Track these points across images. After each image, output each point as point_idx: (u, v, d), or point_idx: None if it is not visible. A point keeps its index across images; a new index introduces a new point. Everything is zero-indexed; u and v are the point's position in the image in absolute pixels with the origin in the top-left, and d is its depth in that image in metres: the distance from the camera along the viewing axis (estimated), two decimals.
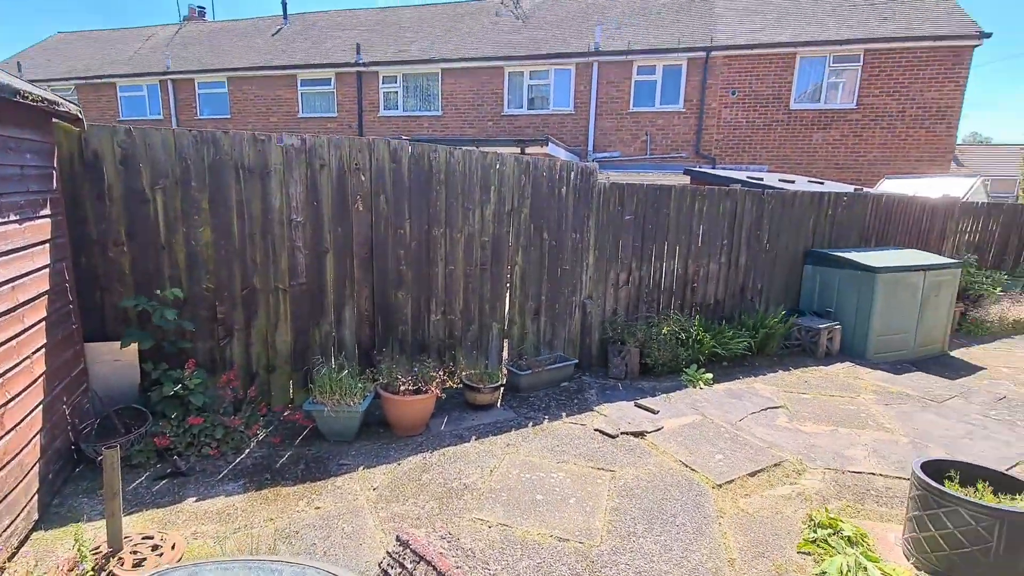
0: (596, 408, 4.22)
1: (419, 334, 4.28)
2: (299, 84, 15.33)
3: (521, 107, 13.92)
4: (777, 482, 3.24)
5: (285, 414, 3.69)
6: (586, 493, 3.02)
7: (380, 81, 14.75)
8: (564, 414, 4.10)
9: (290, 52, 16.01)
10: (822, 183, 8.46)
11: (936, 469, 2.56)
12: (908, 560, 2.50)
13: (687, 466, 3.37)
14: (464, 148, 4.26)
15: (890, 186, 9.67)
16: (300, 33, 17.09)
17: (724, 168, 12.32)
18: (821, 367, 5.50)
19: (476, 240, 4.39)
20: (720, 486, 3.15)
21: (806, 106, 12.14)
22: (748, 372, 5.25)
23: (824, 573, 2.38)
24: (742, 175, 7.71)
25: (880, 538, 2.67)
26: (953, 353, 6.40)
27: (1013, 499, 2.38)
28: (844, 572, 2.33)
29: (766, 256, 6.15)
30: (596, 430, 3.82)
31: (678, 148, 12.94)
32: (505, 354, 4.80)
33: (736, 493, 3.10)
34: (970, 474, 2.53)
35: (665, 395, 4.55)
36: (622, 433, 3.79)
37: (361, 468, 3.21)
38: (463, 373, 4.27)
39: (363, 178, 3.84)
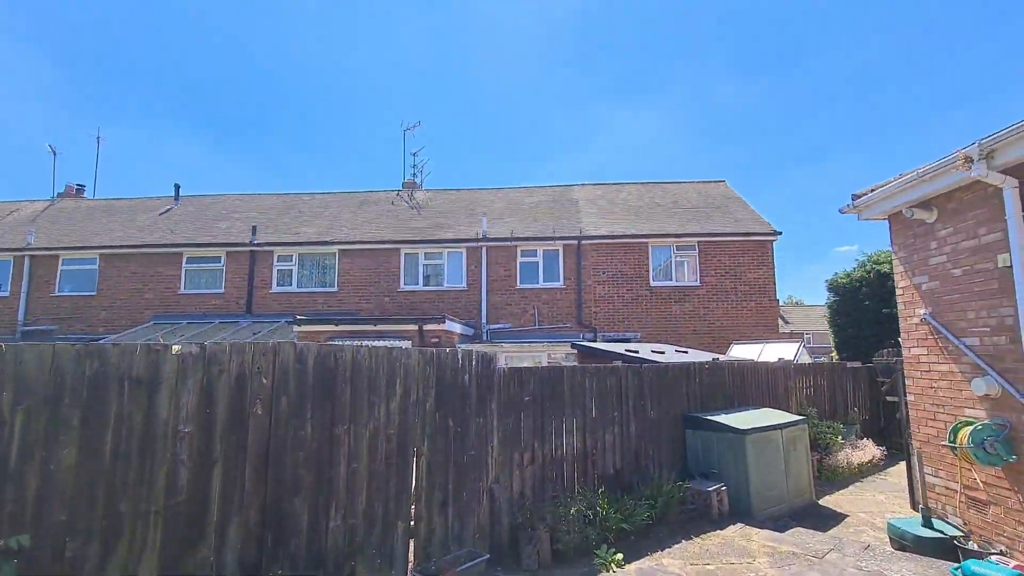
0: None
1: (315, 545, 3.87)
2: (184, 261, 14.97)
3: (417, 284, 14.75)
4: None
5: None
6: None
7: (275, 259, 14.96)
8: None
9: (179, 231, 15.89)
10: (687, 351, 9.75)
11: None
12: None
13: None
14: (371, 344, 4.44)
15: (738, 351, 11.39)
16: (192, 214, 17.21)
17: (604, 336, 13.68)
18: (718, 531, 5.76)
19: (382, 433, 4.33)
20: None
21: (663, 283, 14.40)
22: (655, 545, 5.33)
23: None
24: (621, 348, 8.68)
25: None
26: (820, 501, 7.09)
27: None
28: None
29: (652, 423, 6.71)
30: None
31: (563, 319, 14.26)
32: (411, 555, 4.44)
33: None
34: None
35: None
36: None
37: None
38: None
39: (265, 381, 3.77)
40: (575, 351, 9.46)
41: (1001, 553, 4.83)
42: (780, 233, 14.05)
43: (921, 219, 5.66)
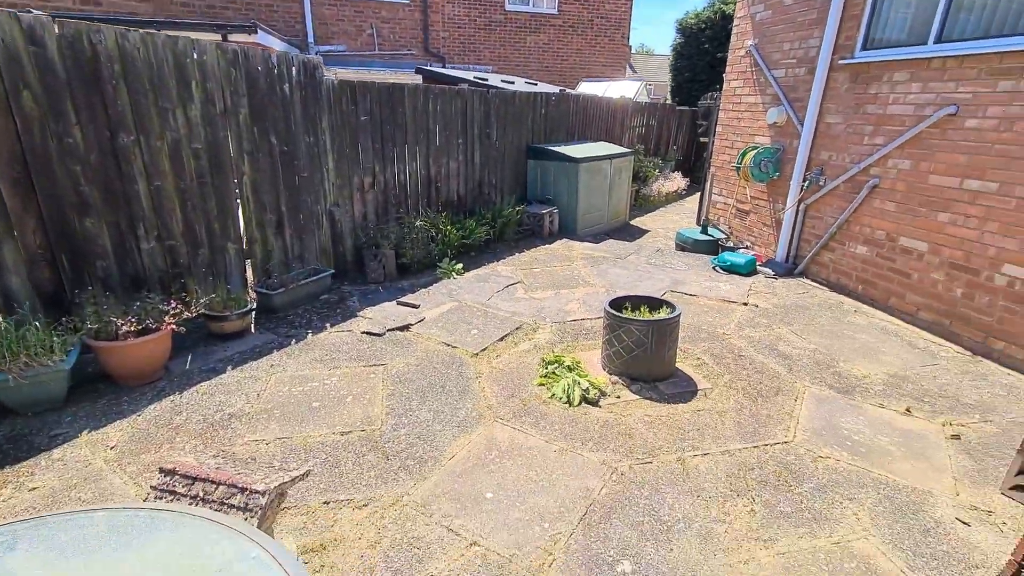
0: (360, 313, 4.30)
1: (129, 267, 3.55)
2: None
3: None
4: (520, 341, 3.95)
5: None
6: (362, 389, 3.19)
7: None
8: (328, 325, 4.08)
9: None
10: (536, 84, 9.48)
11: (618, 303, 3.49)
12: (605, 370, 3.45)
13: (449, 345, 3.81)
14: (143, 31, 3.38)
15: (585, 88, 11.44)
16: None
17: (453, 66, 12.59)
18: (546, 245, 6.60)
19: (185, 148, 3.69)
20: (476, 354, 3.69)
21: (518, 8, 13.00)
22: (492, 258, 5.98)
23: (554, 394, 3.12)
24: (469, 75, 8.07)
25: (589, 361, 3.58)
26: (632, 222, 8.38)
27: (658, 312, 3.45)
28: (566, 389, 3.10)
29: (496, 152, 6.79)
30: (364, 332, 3.94)
31: (407, 45, 12.56)
32: (250, 275, 4.38)
33: (490, 356, 3.68)
34: (637, 303, 3.54)
35: (424, 289, 4.90)
36: (388, 330, 4.00)
37: (86, 432, 2.69)
38: (201, 301, 3.77)
39: None
40: (420, 76, 8.61)
41: (747, 247, 6.35)
42: None
43: None
